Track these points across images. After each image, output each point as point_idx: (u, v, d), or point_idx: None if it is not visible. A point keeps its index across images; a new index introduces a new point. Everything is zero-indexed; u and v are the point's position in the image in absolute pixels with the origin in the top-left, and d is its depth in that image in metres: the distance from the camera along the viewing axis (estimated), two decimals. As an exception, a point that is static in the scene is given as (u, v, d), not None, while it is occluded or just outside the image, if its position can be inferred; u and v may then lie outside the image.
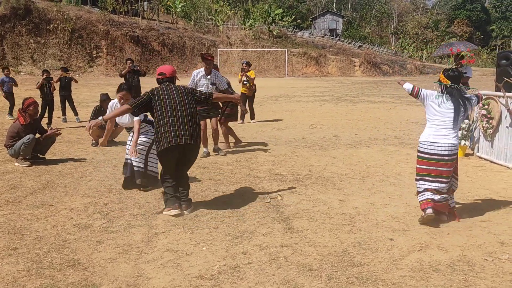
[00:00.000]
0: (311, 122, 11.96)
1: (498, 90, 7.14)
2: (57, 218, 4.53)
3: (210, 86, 7.36)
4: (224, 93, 7.11)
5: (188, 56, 44.54)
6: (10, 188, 5.64)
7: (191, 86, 7.26)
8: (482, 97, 4.93)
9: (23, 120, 7.00)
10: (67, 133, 9.83)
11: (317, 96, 21.53)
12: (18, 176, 6.25)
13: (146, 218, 4.55)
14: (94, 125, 4.79)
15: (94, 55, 40.41)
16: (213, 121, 7.55)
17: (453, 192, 4.57)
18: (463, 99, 4.43)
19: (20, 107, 7.25)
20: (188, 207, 4.68)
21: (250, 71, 11.87)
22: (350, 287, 3.14)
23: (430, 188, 4.38)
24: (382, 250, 3.76)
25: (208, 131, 7.62)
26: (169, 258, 3.60)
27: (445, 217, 4.44)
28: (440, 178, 4.37)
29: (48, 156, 7.35)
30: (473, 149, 7.81)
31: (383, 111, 14.86)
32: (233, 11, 57.02)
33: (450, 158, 4.35)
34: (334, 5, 76.93)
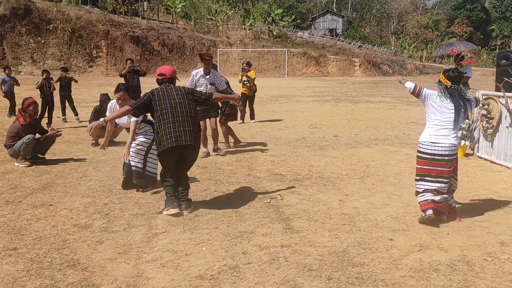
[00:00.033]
0: (311, 122, 11.96)
1: (498, 90, 7.14)
2: (57, 218, 4.53)
3: (209, 86, 7.36)
4: (223, 93, 7.10)
5: (188, 56, 44.56)
6: (10, 188, 5.64)
7: (190, 86, 7.26)
8: (479, 100, 4.94)
9: (23, 120, 7.00)
10: (67, 133, 9.83)
11: (317, 96, 21.53)
12: (18, 176, 6.25)
13: (146, 218, 4.55)
14: (95, 126, 4.81)
15: (94, 55, 40.44)
16: (212, 121, 7.55)
17: (452, 192, 4.57)
18: (464, 100, 4.44)
19: (20, 107, 7.26)
20: (188, 207, 4.69)
21: (251, 71, 11.87)
22: (349, 287, 3.14)
23: (430, 188, 4.38)
24: (382, 250, 3.76)
25: (207, 131, 7.62)
26: (169, 258, 3.60)
27: (445, 217, 4.44)
28: (440, 178, 4.37)
29: (48, 156, 7.35)
30: (473, 149, 7.81)
31: (383, 111, 14.86)
32: (233, 11, 57.04)
33: (450, 158, 4.36)
34: (334, 5, 76.94)
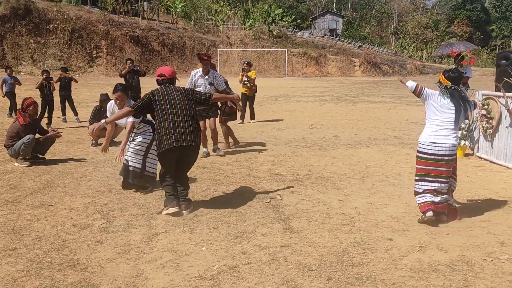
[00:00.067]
0: (311, 122, 11.96)
1: (498, 90, 7.14)
2: (56, 218, 4.53)
3: (208, 86, 7.32)
4: (222, 93, 7.09)
5: (188, 56, 44.56)
6: (10, 188, 5.64)
7: (190, 86, 7.25)
8: (477, 105, 4.95)
9: (23, 120, 7.00)
10: (67, 133, 9.83)
11: (317, 96, 21.53)
12: (17, 176, 6.25)
13: (146, 218, 4.55)
14: (97, 128, 4.84)
15: (94, 55, 40.45)
16: (211, 121, 7.53)
17: (452, 192, 4.57)
18: (464, 100, 4.44)
19: (19, 108, 7.26)
20: (187, 207, 4.69)
21: (251, 71, 11.88)
22: (349, 287, 3.14)
23: (429, 189, 4.38)
24: (381, 250, 3.76)
25: (207, 131, 7.62)
26: (168, 258, 3.60)
27: (444, 217, 4.44)
28: (439, 178, 4.37)
29: (47, 156, 7.35)
30: (473, 149, 7.81)
31: (383, 111, 14.86)
32: (233, 11, 57.05)
33: (450, 158, 4.36)
34: (334, 5, 76.94)
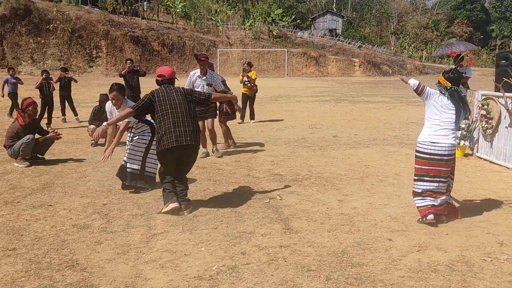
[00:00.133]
0: (311, 122, 11.96)
1: (498, 90, 7.14)
2: (56, 219, 4.53)
3: (206, 87, 7.28)
4: (221, 93, 7.08)
5: (188, 56, 44.55)
6: (9, 188, 5.64)
7: (188, 86, 7.24)
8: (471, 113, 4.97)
9: (22, 120, 7.00)
10: (67, 133, 9.83)
11: (316, 96, 21.53)
12: (17, 176, 6.25)
13: (145, 218, 4.55)
14: (101, 132, 4.86)
15: (94, 55, 40.45)
16: (209, 121, 7.49)
17: (450, 192, 4.57)
18: (463, 101, 4.46)
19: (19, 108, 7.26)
20: (187, 207, 4.69)
21: (252, 72, 11.87)
22: (348, 287, 3.15)
23: (428, 188, 4.38)
24: (380, 250, 3.76)
25: (206, 132, 7.61)
26: (167, 258, 3.60)
27: (444, 217, 4.44)
28: (438, 178, 4.37)
29: (47, 156, 7.35)
30: (472, 149, 7.81)
31: (383, 111, 14.86)
32: (233, 11, 57.06)
33: (449, 158, 4.37)
34: (334, 5, 76.94)
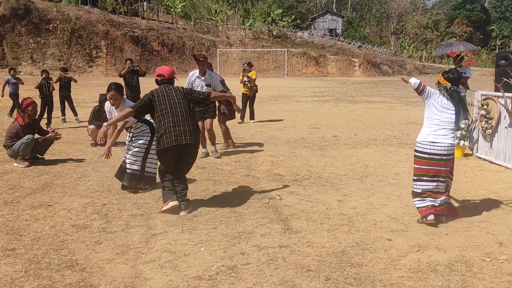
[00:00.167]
0: (311, 122, 11.96)
1: (497, 91, 7.15)
2: (55, 219, 4.53)
3: (205, 87, 7.26)
4: None
5: (187, 56, 44.54)
6: (9, 188, 5.64)
7: (187, 87, 7.24)
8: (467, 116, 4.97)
9: (22, 120, 7.00)
10: (66, 133, 9.83)
11: (316, 96, 21.53)
12: (17, 176, 6.25)
13: (145, 218, 4.55)
14: (105, 133, 4.88)
15: (94, 55, 40.44)
16: (208, 122, 7.47)
17: (449, 192, 4.57)
18: (463, 101, 4.47)
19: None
20: (186, 208, 4.69)
21: (252, 72, 11.87)
22: (348, 288, 3.14)
23: (427, 188, 4.38)
24: (380, 250, 3.76)
25: (205, 132, 7.59)
26: (167, 258, 3.60)
27: (443, 217, 4.44)
28: (437, 178, 4.37)
29: (47, 156, 7.35)
30: (472, 149, 7.81)
31: (383, 111, 14.86)
32: (232, 11, 57.04)
33: (448, 158, 4.37)
34: (334, 5, 76.92)
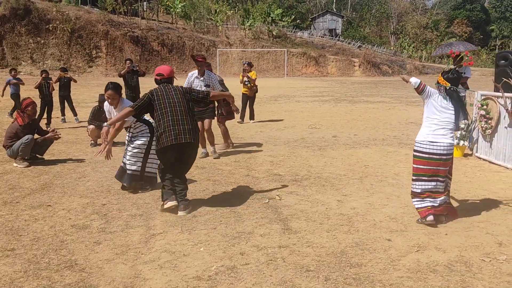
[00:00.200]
0: (310, 123, 11.96)
1: (497, 91, 7.15)
2: (54, 219, 4.52)
3: (204, 87, 7.24)
4: None
5: (187, 56, 44.53)
6: (8, 188, 5.64)
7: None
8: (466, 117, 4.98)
9: (22, 120, 7.00)
10: (66, 133, 9.82)
11: (316, 96, 21.53)
12: (16, 176, 6.24)
13: (144, 218, 4.54)
14: (106, 134, 4.89)
15: (94, 55, 40.43)
16: (206, 122, 7.44)
17: (448, 191, 4.57)
18: (462, 103, 4.47)
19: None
20: (186, 208, 4.69)
21: (252, 72, 11.86)
22: (347, 288, 3.14)
23: (427, 189, 4.38)
24: (379, 250, 3.76)
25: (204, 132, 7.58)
26: (166, 259, 3.60)
27: (443, 217, 4.44)
28: (436, 177, 4.38)
29: (46, 156, 7.35)
30: (472, 149, 7.81)
31: (382, 111, 14.86)
32: (232, 11, 57.03)
33: (447, 157, 4.37)
34: (334, 5, 76.91)
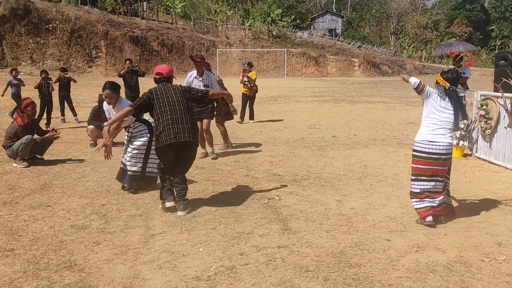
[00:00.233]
0: (310, 123, 11.96)
1: (497, 91, 7.15)
2: (54, 219, 4.52)
3: (203, 88, 7.27)
4: None
5: (187, 56, 44.52)
6: (8, 189, 5.64)
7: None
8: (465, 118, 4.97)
9: (21, 120, 7.00)
10: (66, 133, 9.82)
11: (316, 96, 21.53)
12: (16, 176, 6.24)
13: (144, 219, 4.54)
14: (107, 136, 4.90)
15: (94, 55, 40.43)
16: (205, 122, 7.43)
17: (447, 191, 4.57)
18: (461, 103, 4.48)
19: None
20: (185, 208, 4.69)
21: (252, 72, 11.86)
22: (346, 288, 3.14)
23: (426, 188, 4.38)
24: (379, 251, 3.76)
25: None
26: (166, 259, 3.60)
27: (442, 218, 4.44)
28: (435, 177, 4.38)
29: (46, 156, 7.34)
30: (471, 149, 7.81)
31: (382, 112, 14.86)
32: (232, 11, 57.04)
33: (447, 157, 4.37)
34: (334, 5, 76.92)
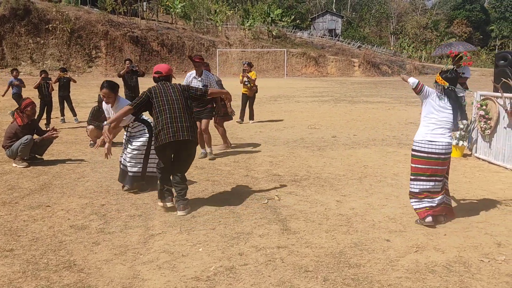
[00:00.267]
0: (310, 123, 11.96)
1: (496, 91, 7.15)
2: (53, 219, 4.52)
3: (202, 88, 7.29)
4: None
5: (187, 56, 44.53)
6: (7, 189, 5.63)
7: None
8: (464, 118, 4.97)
9: (21, 120, 6.99)
10: (66, 133, 9.82)
11: (316, 96, 21.53)
12: (15, 177, 6.24)
13: (143, 219, 4.54)
14: (107, 135, 4.90)
15: (93, 56, 40.43)
16: (203, 122, 7.42)
17: (446, 190, 4.57)
18: (460, 103, 4.48)
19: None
20: (185, 208, 4.69)
21: (252, 72, 11.86)
22: (346, 289, 3.14)
23: (425, 188, 4.38)
24: (378, 251, 3.76)
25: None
26: (165, 259, 3.60)
27: (442, 218, 4.44)
28: (434, 177, 4.38)
29: (46, 156, 7.34)
30: (471, 149, 7.81)
31: (382, 112, 14.86)
32: (232, 12, 57.06)
33: (446, 157, 4.38)
34: (334, 5, 76.93)
